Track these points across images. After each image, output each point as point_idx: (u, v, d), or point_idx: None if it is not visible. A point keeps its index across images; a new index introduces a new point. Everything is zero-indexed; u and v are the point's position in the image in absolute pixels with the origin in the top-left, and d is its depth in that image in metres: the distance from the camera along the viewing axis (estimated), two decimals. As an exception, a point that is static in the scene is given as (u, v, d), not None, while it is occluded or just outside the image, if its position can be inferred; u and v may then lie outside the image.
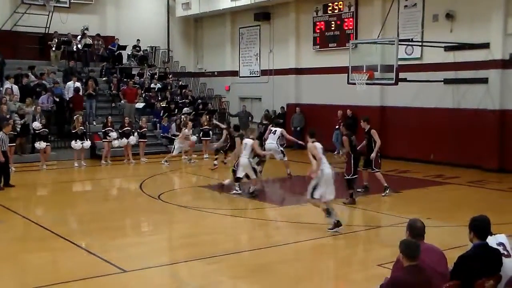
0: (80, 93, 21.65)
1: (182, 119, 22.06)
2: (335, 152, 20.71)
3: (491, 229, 5.67)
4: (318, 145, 10.54)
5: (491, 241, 5.77)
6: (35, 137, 18.68)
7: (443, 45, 18.39)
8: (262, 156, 14.89)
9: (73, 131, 19.20)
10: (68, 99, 21.68)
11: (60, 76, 23.59)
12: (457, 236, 9.71)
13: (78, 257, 9.01)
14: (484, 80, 17.86)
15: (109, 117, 20.38)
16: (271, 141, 16.44)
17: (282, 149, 16.61)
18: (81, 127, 19.30)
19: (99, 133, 20.88)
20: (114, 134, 19.64)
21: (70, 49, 25.06)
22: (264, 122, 22.06)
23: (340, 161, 17.21)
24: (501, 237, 5.95)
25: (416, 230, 5.58)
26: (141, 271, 8.21)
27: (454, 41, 18.31)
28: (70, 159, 19.24)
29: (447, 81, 18.59)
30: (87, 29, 25.68)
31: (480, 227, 5.60)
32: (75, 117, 19.68)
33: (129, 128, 20.20)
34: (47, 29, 25.32)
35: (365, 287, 7.19)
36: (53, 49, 24.84)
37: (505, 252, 5.76)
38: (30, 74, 22.36)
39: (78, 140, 19.03)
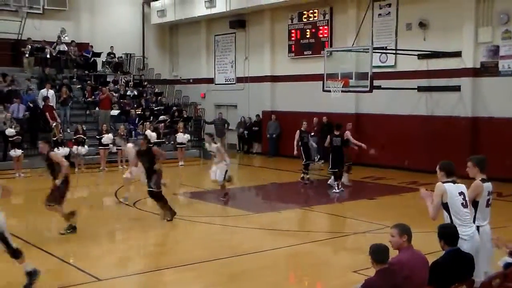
0: (50, 102, 21.30)
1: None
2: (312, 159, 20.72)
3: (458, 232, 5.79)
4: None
5: (454, 190, 6.05)
6: (7, 144, 18.34)
7: (416, 53, 18.63)
8: None
9: (54, 139, 18.74)
10: (42, 106, 21.41)
11: (35, 83, 23.29)
12: (432, 242, 9.82)
13: (51, 265, 8.88)
14: (457, 88, 18.13)
15: (77, 125, 20.17)
16: None
17: None
18: (60, 135, 19.05)
19: (72, 140, 20.61)
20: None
21: (43, 56, 24.79)
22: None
23: (316, 167, 17.24)
24: (463, 187, 6.27)
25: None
26: (116, 280, 8.14)
27: (427, 49, 18.55)
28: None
29: (420, 89, 18.84)
30: (64, 31, 25.42)
31: (448, 234, 5.70)
32: (53, 125, 19.42)
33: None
34: (20, 35, 25.03)
35: (340, 293, 7.23)
36: (26, 55, 24.50)
37: (464, 202, 6.15)
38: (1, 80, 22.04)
39: (60, 148, 18.59)
